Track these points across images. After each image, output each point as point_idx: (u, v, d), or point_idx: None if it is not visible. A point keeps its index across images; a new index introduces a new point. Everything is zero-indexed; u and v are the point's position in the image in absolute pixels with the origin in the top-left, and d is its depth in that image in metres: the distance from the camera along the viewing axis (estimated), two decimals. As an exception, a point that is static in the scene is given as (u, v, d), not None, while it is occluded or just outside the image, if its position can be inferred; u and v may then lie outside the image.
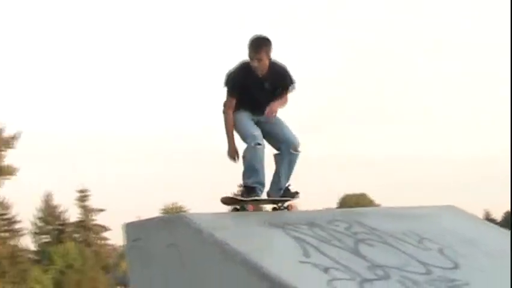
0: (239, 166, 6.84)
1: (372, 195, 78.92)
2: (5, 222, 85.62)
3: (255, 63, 6.95)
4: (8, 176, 50.59)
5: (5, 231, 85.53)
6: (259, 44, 6.99)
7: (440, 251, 6.04)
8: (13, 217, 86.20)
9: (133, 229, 6.31)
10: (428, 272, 5.66)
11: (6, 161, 51.00)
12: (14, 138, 51.12)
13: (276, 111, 7.05)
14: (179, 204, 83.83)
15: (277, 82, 7.10)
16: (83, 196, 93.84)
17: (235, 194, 6.97)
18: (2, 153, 50.94)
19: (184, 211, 70.85)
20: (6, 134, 51.15)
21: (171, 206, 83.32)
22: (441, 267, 5.75)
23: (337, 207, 55.61)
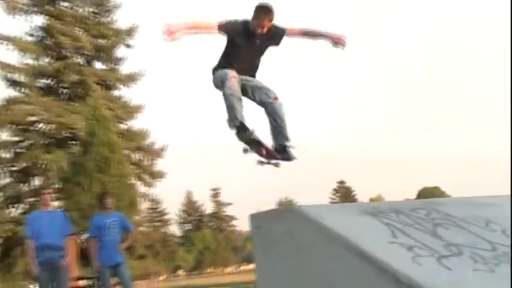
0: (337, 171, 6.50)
1: (444, 188, 77.58)
2: (157, 214, 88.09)
3: (263, 28, 5.74)
4: (158, 179, 51.86)
5: (157, 221, 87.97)
6: (271, 11, 5.76)
7: (503, 232, 5.83)
8: (163, 210, 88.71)
9: (255, 219, 6.16)
10: (494, 249, 5.47)
11: (157, 167, 52.32)
12: (162, 149, 52.35)
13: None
14: (290, 198, 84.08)
15: (270, 36, 5.88)
16: (215, 193, 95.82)
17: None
18: (154, 161, 52.28)
19: (295, 204, 71.21)
20: (157, 146, 52.43)
21: (284, 200, 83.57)
22: (504, 245, 5.55)
23: (416, 198, 54.63)
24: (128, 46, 50.15)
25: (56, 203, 52.25)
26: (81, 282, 28.34)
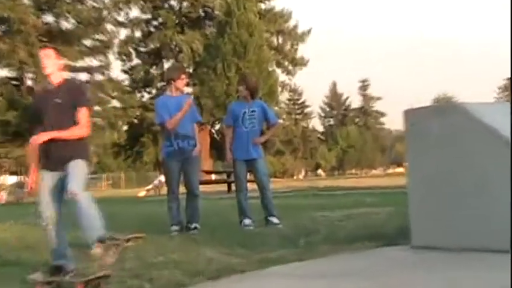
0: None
1: None
2: (298, 106, 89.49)
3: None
4: (300, 67, 52.04)
5: (297, 113, 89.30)
6: None
7: None
8: (304, 102, 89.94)
9: (411, 115, 6.15)
10: None
11: (299, 53, 52.34)
12: (306, 33, 52.15)
13: None
14: (449, 95, 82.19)
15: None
16: (364, 85, 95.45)
17: None
18: (296, 47, 52.30)
19: (454, 101, 69.26)
20: (300, 30, 52.29)
21: (442, 96, 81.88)
22: None
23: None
24: None
25: (187, 89, 54.23)
26: (213, 177, 29.68)
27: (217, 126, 47.53)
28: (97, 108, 46.02)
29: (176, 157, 8.26)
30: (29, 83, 44.32)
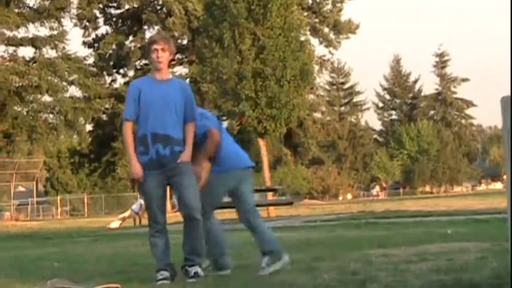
0: None
1: None
2: (343, 93, 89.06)
3: None
4: (347, 35, 51.55)
5: (343, 104, 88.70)
6: None
7: None
8: (352, 87, 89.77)
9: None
10: None
11: (346, 15, 51.98)
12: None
13: None
14: None
15: None
16: (441, 61, 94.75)
17: None
18: (339, 5, 51.83)
19: None
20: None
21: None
22: None
23: None
24: None
25: (179, 69, 53.99)
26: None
27: (225, 124, 47.61)
28: (46, 98, 45.81)
29: (155, 169, 8.14)
30: None
